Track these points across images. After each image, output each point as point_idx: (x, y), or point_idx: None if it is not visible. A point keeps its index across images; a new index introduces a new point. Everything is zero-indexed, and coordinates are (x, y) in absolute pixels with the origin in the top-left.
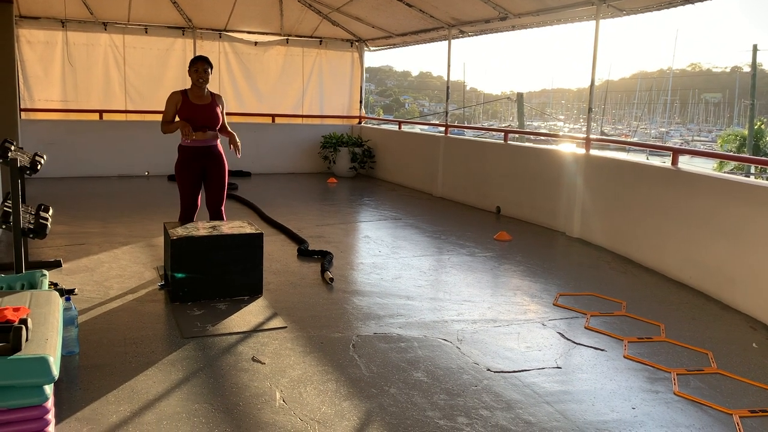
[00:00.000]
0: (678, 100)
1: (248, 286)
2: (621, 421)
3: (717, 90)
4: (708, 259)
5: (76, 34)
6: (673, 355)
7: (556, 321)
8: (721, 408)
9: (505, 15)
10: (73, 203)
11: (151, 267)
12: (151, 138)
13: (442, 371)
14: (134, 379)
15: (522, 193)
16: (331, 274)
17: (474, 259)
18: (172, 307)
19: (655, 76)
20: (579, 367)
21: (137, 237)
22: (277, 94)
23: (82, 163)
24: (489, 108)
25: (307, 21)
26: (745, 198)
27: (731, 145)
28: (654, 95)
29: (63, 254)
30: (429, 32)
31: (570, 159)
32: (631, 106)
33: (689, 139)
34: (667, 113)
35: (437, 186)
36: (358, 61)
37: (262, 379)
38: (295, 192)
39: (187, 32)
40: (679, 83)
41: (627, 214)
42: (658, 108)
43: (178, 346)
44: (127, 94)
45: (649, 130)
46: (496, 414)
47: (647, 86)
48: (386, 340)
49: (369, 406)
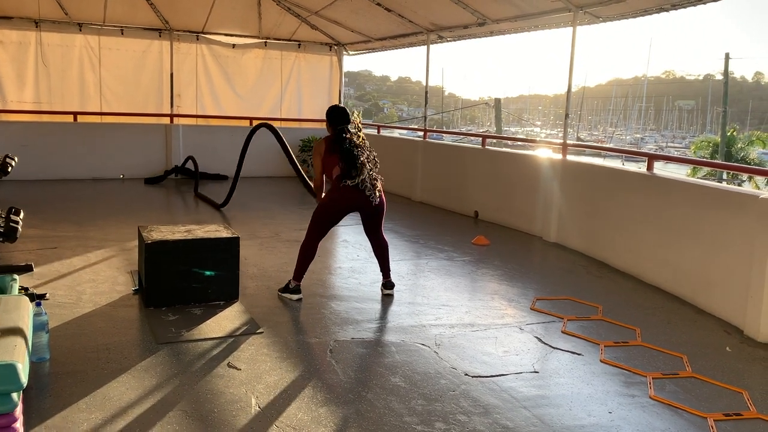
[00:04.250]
0: (652, 106)
1: (224, 291)
2: (598, 426)
3: (690, 97)
4: (683, 264)
5: (50, 34)
6: (649, 359)
7: (533, 325)
8: (695, 412)
9: (483, 21)
10: (45, 206)
11: (125, 271)
12: (126, 140)
13: (420, 376)
14: (107, 385)
15: (500, 197)
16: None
17: (452, 263)
18: (146, 312)
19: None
20: (556, 371)
21: (111, 241)
22: (255, 97)
23: (55, 165)
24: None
25: (286, 24)
26: (720, 203)
27: (704, 151)
28: (629, 102)
29: (34, 258)
30: (408, 37)
31: (547, 164)
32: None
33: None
34: (642, 120)
35: (416, 190)
36: (337, 64)
37: (237, 385)
38: (273, 196)
39: (164, 34)
40: (654, 90)
41: (603, 218)
42: (633, 114)
43: (152, 352)
44: (102, 96)
45: (624, 136)
46: (474, 419)
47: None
48: (364, 345)
49: (346, 411)
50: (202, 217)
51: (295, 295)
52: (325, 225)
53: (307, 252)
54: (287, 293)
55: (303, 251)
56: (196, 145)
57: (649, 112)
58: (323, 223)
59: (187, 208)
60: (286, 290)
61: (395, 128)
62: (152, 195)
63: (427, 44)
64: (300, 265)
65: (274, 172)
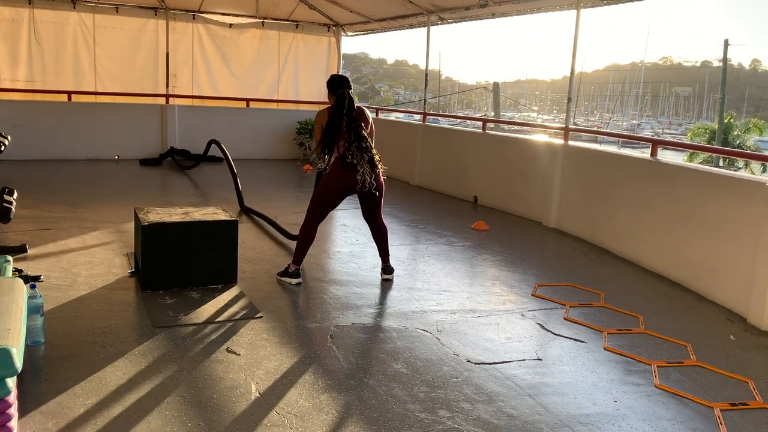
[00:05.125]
0: (649, 92)
1: (222, 275)
2: (604, 415)
3: (687, 84)
4: (686, 251)
5: (44, 11)
6: (653, 347)
7: (535, 312)
8: (701, 401)
9: (486, 2)
10: (39, 187)
11: (121, 253)
12: (121, 121)
13: (422, 363)
14: (103, 370)
15: (499, 182)
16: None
17: (452, 248)
18: (142, 296)
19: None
20: (559, 359)
21: (107, 222)
22: (252, 78)
23: (49, 145)
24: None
25: (284, 4)
26: (725, 190)
27: (701, 138)
28: (626, 88)
29: (28, 239)
30: (408, 18)
31: (548, 149)
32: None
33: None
34: (639, 106)
35: (415, 175)
36: (335, 46)
37: (237, 371)
38: (270, 179)
39: (159, 13)
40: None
41: (604, 204)
42: (630, 100)
43: (149, 336)
44: (97, 75)
45: (620, 122)
46: (478, 407)
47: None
48: (365, 330)
49: (348, 398)
50: (198, 200)
51: (294, 279)
52: (324, 207)
53: (307, 235)
54: (286, 277)
55: (302, 234)
56: (192, 126)
57: (646, 98)
58: (322, 206)
59: (183, 189)
60: (286, 274)
61: (394, 111)
62: (148, 176)
63: (427, 26)
64: (299, 248)
65: (269, 154)
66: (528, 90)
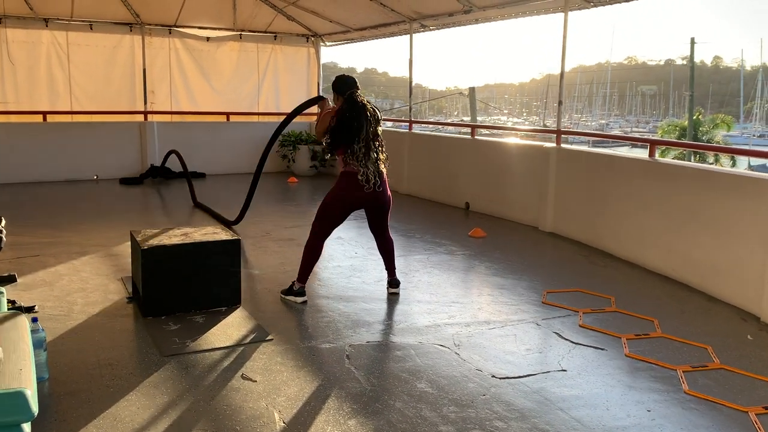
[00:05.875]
0: (616, 92)
1: (226, 296)
2: (640, 426)
3: (653, 82)
4: (692, 251)
5: (15, 30)
6: (674, 351)
7: (549, 320)
8: (734, 406)
9: (470, 8)
10: (19, 211)
11: (115, 278)
12: (99, 140)
13: (446, 380)
14: (115, 405)
15: (491, 188)
16: None
17: (453, 257)
18: (144, 322)
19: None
20: (583, 368)
21: (95, 246)
22: (231, 92)
23: (25, 167)
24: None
25: (262, 15)
26: (731, 189)
27: (671, 135)
28: (594, 88)
29: (16, 267)
30: (389, 26)
31: (541, 152)
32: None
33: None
34: (607, 105)
35: (403, 183)
36: (314, 56)
37: (256, 399)
38: (256, 193)
39: (135, 28)
40: (617, 76)
41: (602, 207)
42: (597, 101)
43: (158, 365)
44: (72, 94)
45: (589, 123)
46: (512, 425)
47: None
48: (381, 348)
49: (377, 423)
50: (186, 219)
51: (299, 298)
52: (331, 223)
53: (313, 252)
54: (291, 296)
55: (308, 251)
56: (173, 143)
57: (613, 97)
58: (329, 221)
59: (165, 209)
60: (290, 292)
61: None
62: (129, 196)
63: (409, 33)
64: (304, 266)
65: (253, 168)
66: (497, 94)
